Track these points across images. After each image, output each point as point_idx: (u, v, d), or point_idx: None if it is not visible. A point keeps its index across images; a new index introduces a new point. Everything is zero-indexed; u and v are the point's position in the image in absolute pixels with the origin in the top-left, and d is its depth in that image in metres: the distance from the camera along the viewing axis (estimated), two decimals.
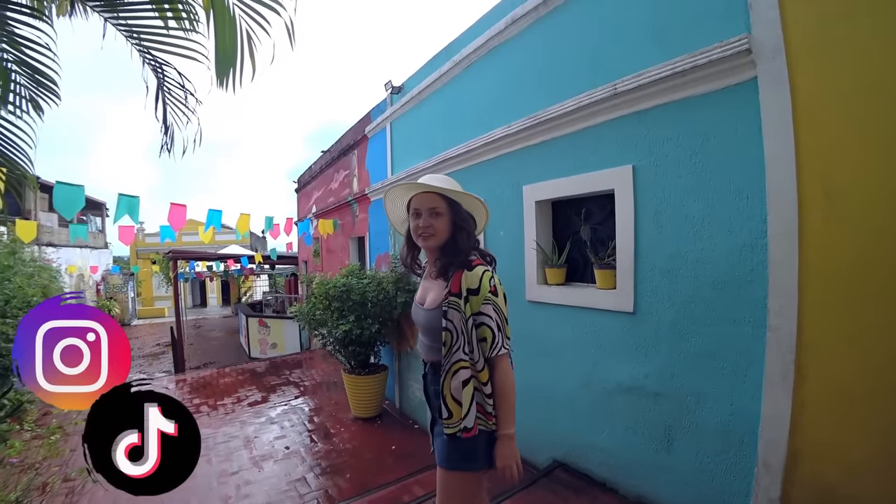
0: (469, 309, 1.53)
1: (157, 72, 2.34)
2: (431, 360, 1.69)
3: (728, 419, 2.18)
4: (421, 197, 1.65)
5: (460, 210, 1.66)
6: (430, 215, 1.62)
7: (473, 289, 1.54)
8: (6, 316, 4.94)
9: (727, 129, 2.14)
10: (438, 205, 1.62)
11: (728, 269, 2.14)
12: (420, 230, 1.62)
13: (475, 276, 1.55)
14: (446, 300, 1.55)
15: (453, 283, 1.56)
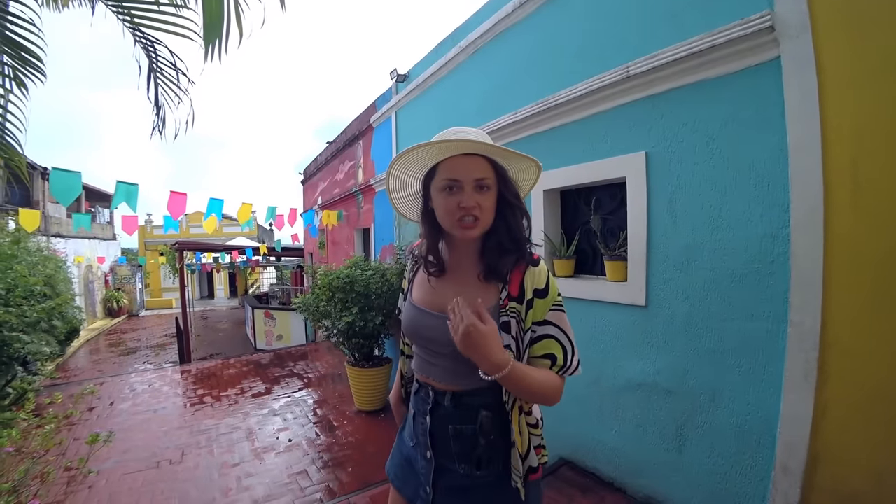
0: (531, 317, 1.11)
1: (149, 50, 2.26)
2: (453, 388, 1.18)
3: (744, 419, 2.07)
4: (461, 162, 1.10)
5: (509, 182, 1.16)
6: (475, 189, 1.10)
7: (541, 289, 1.12)
8: (9, 305, 4.94)
9: (747, 112, 2.02)
10: (487, 174, 1.11)
11: (747, 261, 2.03)
12: (462, 212, 1.09)
13: (542, 273, 1.13)
14: (505, 307, 1.11)
15: (513, 284, 1.12)
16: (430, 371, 1.22)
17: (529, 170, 1.24)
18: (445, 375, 1.19)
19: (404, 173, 1.24)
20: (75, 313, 6.87)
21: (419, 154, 1.14)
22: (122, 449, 4.00)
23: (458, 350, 1.06)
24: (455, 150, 1.11)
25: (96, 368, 9.66)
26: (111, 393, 5.97)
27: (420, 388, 1.27)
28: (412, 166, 1.21)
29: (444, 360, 1.18)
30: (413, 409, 1.31)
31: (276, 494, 3.24)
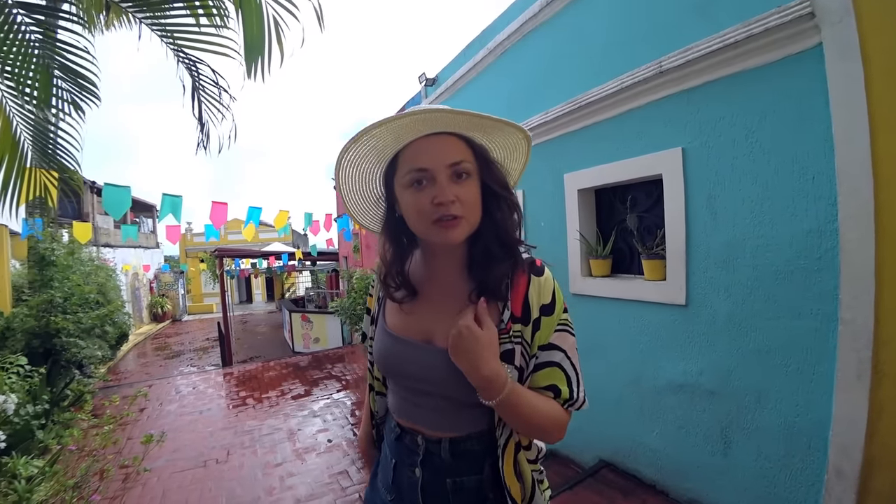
0: (537, 340, 0.89)
1: (192, 70, 2.37)
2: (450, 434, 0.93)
3: (793, 421, 2.00)
4: (427, 145, 0.85)
5: (493, 165, 0.91)
6: (451, 178, 0.84)
7: (547, 304, 0.90)
8: (66, 312, 5.23)
9: (788, 103, 1.95)
10: (464, 156, 0.85)
11: (792, 257, 1.96)
12: (440, 209, 0.82)
13: (548, 284, 0.91)
14: (507, 332, 0.87)
15: (515, 301, 0.89)
16: (417, 416, 0.97)
17: (517, 145, 0.96)
18: (438, 420, 0.95)
19: (357, 171, 0.94)
20: (125, 319, 7.22)
21: (372, 142, 0.86)
22: (171, 448, 4.17)
23: (455, 391, 0.88)
24: (417, 128, 0.83)
25: (144, 371, 10.07)
26: (159, 395, 6.23)
27: (404, 434, 0.99)
28: (366, 161, 0.92)
29: (434, 401, 0.94)
30: (393, 456, 1.02)
31: (319, 494, 3.31)
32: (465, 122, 0.84)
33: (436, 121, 0.82)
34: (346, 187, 0.97)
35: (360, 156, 0.90)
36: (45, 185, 2.32)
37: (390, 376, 1.03)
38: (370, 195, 1.00)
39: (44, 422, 3.40)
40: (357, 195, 1.00)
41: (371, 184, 0.98)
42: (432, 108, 0.81)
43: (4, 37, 1.92)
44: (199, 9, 2.05)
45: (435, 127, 0.84)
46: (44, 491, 2.21)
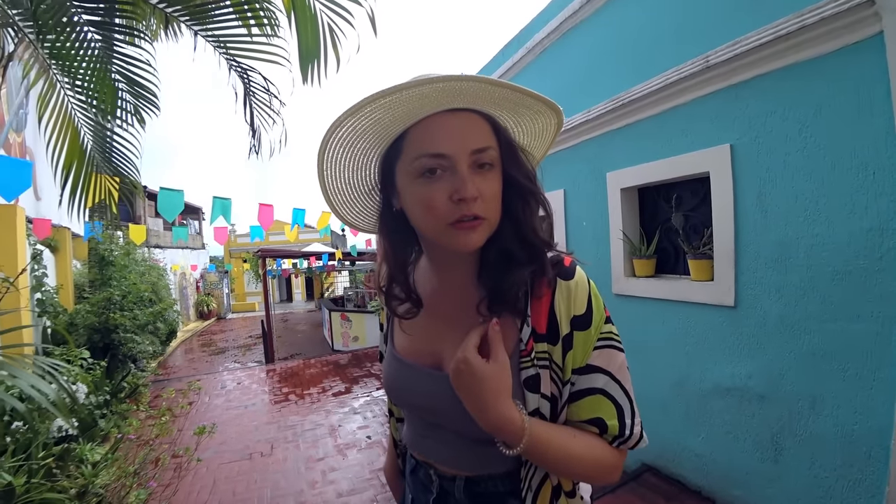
0: (570, 362, 0.70)
1: (244, 78, 2.47)
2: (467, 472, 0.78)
3: (851, 428, 1.91)
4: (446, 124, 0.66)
5: (518, 155, 0.73)
6: (473, 167, 0.66)
7: (581, 315, 0.70)
8: (123, 309, 5.53)
9: (845, 95, 1.86)
10: (489, 142, 0.68)
11: (850, 257, 1.87)
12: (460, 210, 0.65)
13: (580, 289, 0.71)
14: (529, 354, 0.70)
15: (537, 314, 0.70)
16: (428, 449, 0.84)
17: (545, 130, 0.79)
18: (451, 455, 0.80)
19: (348, 153, 0.73)
20: (174, 316, 7.56)
21: (376, 115, 0.66)
22: (219, 441, 4.34)
23: (469, 426, 0.70)
24: (438, 100, 0.64)
25: (191, 367, 10.49)
26: (206, 389, 6.49)
27: (418, 468, 0.86)
28: (364, 140, 0.71)
29: (445, 435, 0.79)
30: (410, 491, 0.90)
31: (359, 489, 3.38)
32: (500, 97, 0.67)
33: (464, 92, 0.64)
34: (330, 174, 0.75)
35: (357, 133, 0.69)
36: (108, 189, 2.49)
37: (399, 405, 0.90)
38: (361, 184, 0.79)
39: (104, 412, 3.62)
40: (343, 184, 0.78)
41: (364, 169, 0.77)
42: (461, 75, 0.62)
43: (76, 54, 2.07)
44: (251, 19, 2.14)
45: (459, 101, 0.66)
46: (107, 476, 2.35)
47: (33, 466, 2.01)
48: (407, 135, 0.68)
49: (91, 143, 2.41)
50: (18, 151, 5.17)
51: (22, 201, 4.33)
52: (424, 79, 0.61)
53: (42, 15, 1.80)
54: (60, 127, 2.33)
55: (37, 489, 1.91)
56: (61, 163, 2.37)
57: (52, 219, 5.11)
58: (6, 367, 1.60)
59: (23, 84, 4.72)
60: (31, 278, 4.54)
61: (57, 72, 2.21)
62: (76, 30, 2.00)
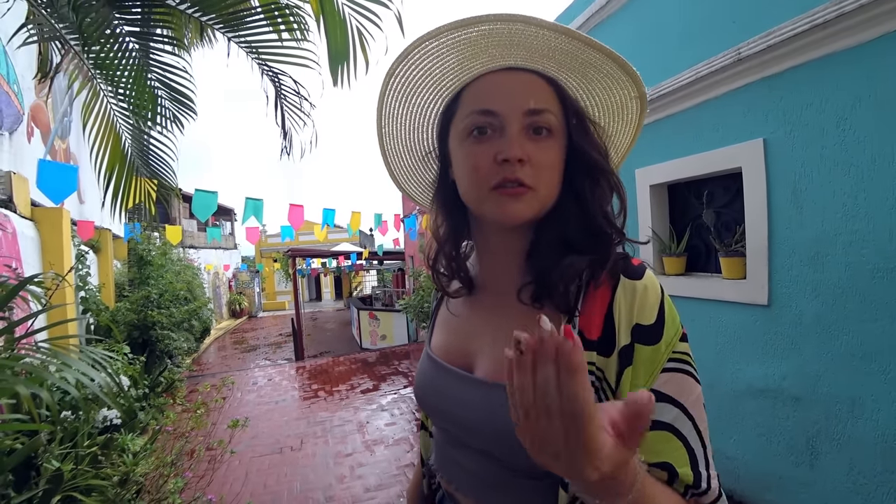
0: (629, 381, 0.54)
1: (275, 81, 2.54)
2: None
3: (892, 433, 1.84)
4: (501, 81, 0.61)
5: (587, 124, 0.64)
6: (526, 131, 0.59)
7: (648, 326, 0.55)
8: (160, 307, 5.73)
9: (885, 86, 1.80)
10: (548, 104, 0.60)
11: (892, 254, 1.80)
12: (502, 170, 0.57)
13: (651, 293, 0.57)
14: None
15: (590, 315, 0.57)
16: (455, 475, 0.70)
17: (625, 106, 0.69)
18: (478, 487, 0.66)
19: (405, 109, 0.70)
20: (208, 315, 7.79)
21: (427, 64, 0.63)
22: (251, 435, 4.47)
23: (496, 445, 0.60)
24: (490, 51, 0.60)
25: (224, 363, 10.79)
26: (238, 385, 6.67)
27: (445, 500, 0.73)
28: (419, 94, 0.68)
29: (475, 459, 0.65)
30: None
31: (386, 484, 3.43)
32: (561, 47, 0.59)
33: (519, 43, 0.58)
34: (389, 130, 0.72)
35: (411, 85, 0.66)
36: (147, 192, 2.60)
37: (425, 411, 0.77)
38: (418, 147, 0.75)
39: (143, 404, 3.77)
40: (401, 145, 0.75)
41: (421, 130, 0.73)
42: (511, 14, 0.56)
43: (118, 63, 2.18)
44: (281, 24, 2.20)
45: (516, 55, 0.60)
46: (146, 465, 2.45)
47: (80, 454, 2.12)
48: (462, 95, 0.64)
49: (131, 147, 2.53)
50: (63, 157, 5.42)
51: (67, 204, 4.55)
52: (469, 19, 0.56)
53: (87, 28, 1.90)
54: (103, 133, 2.45)
55: (83, 476, 2.01)
56: (104, 167, 2.49)
57: (94, 221, 5.35)
58: (59, 356, 1.69)
59: (67, 93, 4.96)
60: (75, 277, 4.76)
61: (100, 81, 2.32)
62: (119, 40, 2.10)
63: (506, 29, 0.57)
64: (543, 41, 0.58)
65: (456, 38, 0.58)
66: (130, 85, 2.28)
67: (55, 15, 1.97)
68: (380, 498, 3.25)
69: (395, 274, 16.08)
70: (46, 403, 1.60)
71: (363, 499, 3.25)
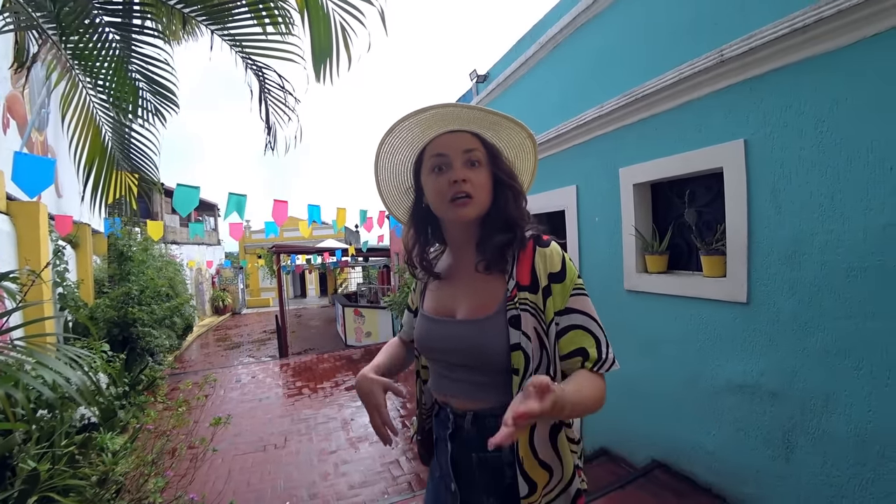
0: (552, 306, 0.95)
1: (259, 76, 2.51)
2: (474, 406, 1.01)
3: (865, 427, 1.89)
4: (447, 138, 1.02)
5: (500, 160, 1.05)
6: (465, 164, 0.99)
7: (556, 272, 0.97)
8: (141, 304, 5.64)
9: (862, 89, 1.84)
10: (475, 146, 1.01)
11: (866, 253, 1.85)
12: (454, 188, 0.97)
13: (555, 253, 0.99)
14: (513, 299, 0.95)
15: (521, 270, 0.97)
16: (447, 387, 1.06)
17: (523, 145, 1.10)
18: (463, 391, 1.02)
19: (392, 161, 1.12)
20: (191, 311, 7.68)
21: (404, 134, 1.05)
22: (233, 433, 4.43)
23: (472, 359, 0.99)
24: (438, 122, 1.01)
25: (207, 361, 10.67)
26: (221, 382, 6.62)
27: (440, 410, 1.09)
28: (400, 152, 1.10)
29: (459, 373, 1.03)
30: (435, 433, 1.13)
31: (371, 481, 3.43)
32: (477, 117, 1.01)
33: (452, 114, 1.00)
34: (383, 174, 1.14)
35: (395, 147, 1.08)
36: (128, 186, 2.55)
37: (425, 354, 1.12)
38: (401, 184, 1.16)
39: (123, 403, 3.71)
40: (390, 183, 1.16)
41: (403, 174, 1.14)
42: (449, 103, 0.98)
43: (98, 54, 2.13)
44: (266, 18, 2.18)
45: (453, 122, 1.01)
46: (126, 464, 2.41)
47: (57, 453, 2.08)
48: (425, 149, 1.04)
49: (111, 140, 2.47)
50: (40, 150, 5.29)
51: (44, 198, 4.45)
52: (426, 107, 0.98)
53: (65, 17, 1.85)
54: (82, 125, 2.39)
55: (60, 476, 1.97)
56: (83, 160, 2.43)
57: (73, 215, 5.23)
58: (34, 354, 1.66)
59: (45, 84, 4.84)
60: (53, 273, 4.66)
61: (79, 72, 2.27)
62: (98, 31, 2.06)
63: (448, 111, 0.98)
64: (469, 115, 1.00)
65: (419, 118, 1.00)
66: (110, 76, 2.23)
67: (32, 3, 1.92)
68: (364, 495, 3.24)
69: (380, 271, 16.03)
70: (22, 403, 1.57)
71: (347, 496, 3.25)
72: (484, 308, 0.99)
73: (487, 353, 0.95)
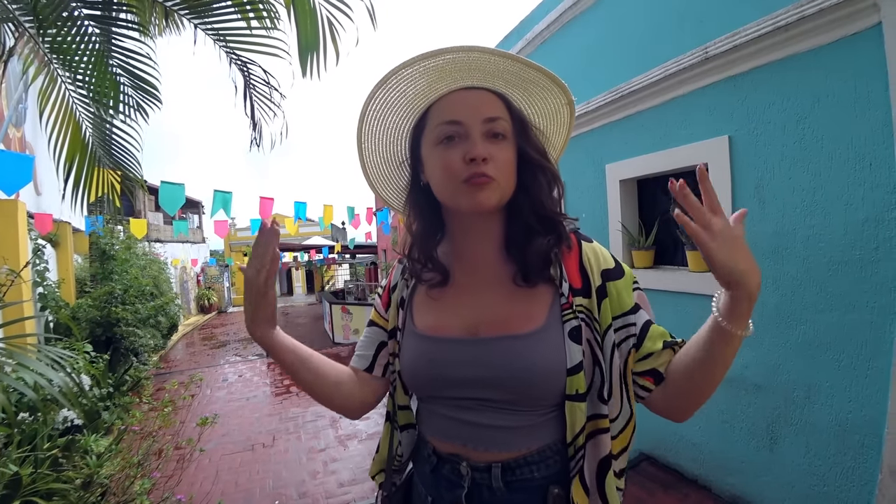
0: (607, 311, 0.73)
1: (244, 71, 2.48)
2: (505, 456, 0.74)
3: (845, 417, 1.94)
4: (462, 97, 0.75)
5: (530, 132, 0.78)
6: (486, 136, 0.72)
7: (611, 269, 0.77)
8: (125, 303, 5.55)
9: (842, 87, 1.87)
10: (501, 114, 0.74)
11: (846, 248, 1.89)
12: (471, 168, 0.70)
13: (601, 249, 0.80)
14: (571, 307, 0.73)
15: (570, 271, 0.75)
16: (462, 435, 0.76)
17: (558, 112, 0.84)
18: (490, 436, 0.74)
19: (382, 126, 0.82)
20: (176, 310, 7.59)
21: (402, 87, 0.76)
22: (221, 432, 4.39)
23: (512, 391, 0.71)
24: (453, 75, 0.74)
25: (193, 360, 10.51)
26: (208, 382, 6.54)
27: (441, 464, 0.79)
28: (394, 114, 0.81)
29: (485, 412, 0.74)
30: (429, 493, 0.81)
31: (360, 479, 3.42)
32: (507, 69, 0.75)
33: (473, 63, 0.73)
34: (368, 145, 0.84)
35: (388, 105, 0.79)
36: (111, 183, 2.50)
37: (427, 391, 0.81)
38: (393, 158, 0.87)
39: (108, 404, 3.65)
40: (378, 157, 0.86)
41: (396, 143, 0.86)
42: (474, 46, 0.71)
43: (77, 48, 2.08)
44: (250, 12, 2.15)
45: (471, 74, 0.74)
46: (111, 466, 2.38)
47: (39, 457, 2.04)
48: (430, 111, 0.77)
49: (92, 137, 2.42)
50: (18, 146, 5.17)
51: (22, 196, 4.35)
52: (436, 51, 0.72)
53: (42, 9, 1.81)
54: (62, 121, 2.34)
55: (43, 479, 1.93)
56: (63, 157, 2.38)
57: (52, 213, 5.12)
58: (15, 355, 1.62)
59: (22, 79, 4.72)
60: (32, 273, 4.56)
61: (58, 66, 2.21)
62: (76, 24, 2.01)
63: (465, 57, 0.72)
64: (494, 65, 0.73)
65: (426, 65, 0.73)
66: (90, 71, 2.18)
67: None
68: (354, 493, 3.24)
69: (367, 268, 15.98)
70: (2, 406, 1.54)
71: (337, 494, 3.24)
72: (528, 319, 0.73)
73: (538, 382, 0.70)
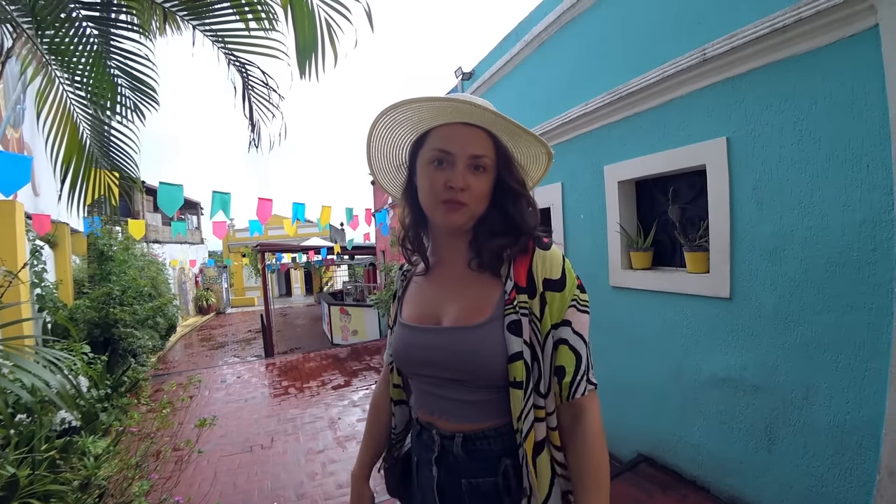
0: (549, 317, 0.86)
1: (242, 72, 2.47)
2: (464, 427, 0.90)
3: (843, 418, 1.94)
4: (458, 132, 0.88)
5: (513, 166, 0.94)
6: (469, 168, 0.87)
7: (555, 280, 0.87)
8: (123, 304, 5.54)
9: (840, 89, 1.88)
10: (486, 152, 0.89)
11: (844, 249, 1.89)
12: (449, 192, 0.86)
13: (555, 258, 0.89)
14: (512, 302, 0.86)
15: (518, 271, 0.88)
16: (433, 405, 0.95)
17: (538, 158, 0.98)
18: (452, 410, 0.92)
19: (389, 136, 0.98)
20: (174, 311, 7.57)
21: (409, 114, 0.91)
22: (219, 434, 4.38)
23: (464, 373, 0.87)
24: (451, 115, 0.87)
25: (191, 361, 10.51)
26: (206, 383, 6.53)
27: (423, 431, 0.97)
28: (400, 128, 0.96)
29: (448, 389, 0.92)
30: (416, 455, 1.00)
31: None
32: (499, 124, 0.88)
33: (473, 114, 0.86)
34: (376, 146, 1.00)
35: (396, 122, 0.94)
36: (108, 185, 2.50)
37: (407, 369, 0.99)
38: (394, 160, 1.04)
39: (106, 405, 3.64)
40: (383, 157, 1.03)
41: (398, 150, 1.01)
42: (476, 101, 0.84)
43: (75, 49, 2.08)
44: (249, 13, 2.15)
45: (470, 118, 0.88)
46: (109, 468, 2.37)
47: (37, 458, 2.03)
48: (430, 133, 0.91)
49: (90, 138, 2.42)
50: (16, 147, 5.16)
51: (20, 197, 4.34)
52: (449, 97, 0.85)
53: (41, 10, 1.81)
54: (59, 122, 2.34)
55: (40, 481, 1.93)
56: (60, 158, 2.38)
57: (50, 214, 5.11)
58: (12, 357, 1.62)
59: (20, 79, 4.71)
60: (30, 274, 4.55)
61: (56, 67, 2.21)
62: (75, 25, 2.01)
63: (465, 107, 0.84)
64: (494, 120, 0.87)
65: (431, 105, 0.86)
66: (88, 72, 2.18)
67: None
68: None
69: (366, 269, 15.96)
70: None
71: (335, 495, 3.23)
72: (477, 313, 0.88)
73: (483, 366, 0.85)
